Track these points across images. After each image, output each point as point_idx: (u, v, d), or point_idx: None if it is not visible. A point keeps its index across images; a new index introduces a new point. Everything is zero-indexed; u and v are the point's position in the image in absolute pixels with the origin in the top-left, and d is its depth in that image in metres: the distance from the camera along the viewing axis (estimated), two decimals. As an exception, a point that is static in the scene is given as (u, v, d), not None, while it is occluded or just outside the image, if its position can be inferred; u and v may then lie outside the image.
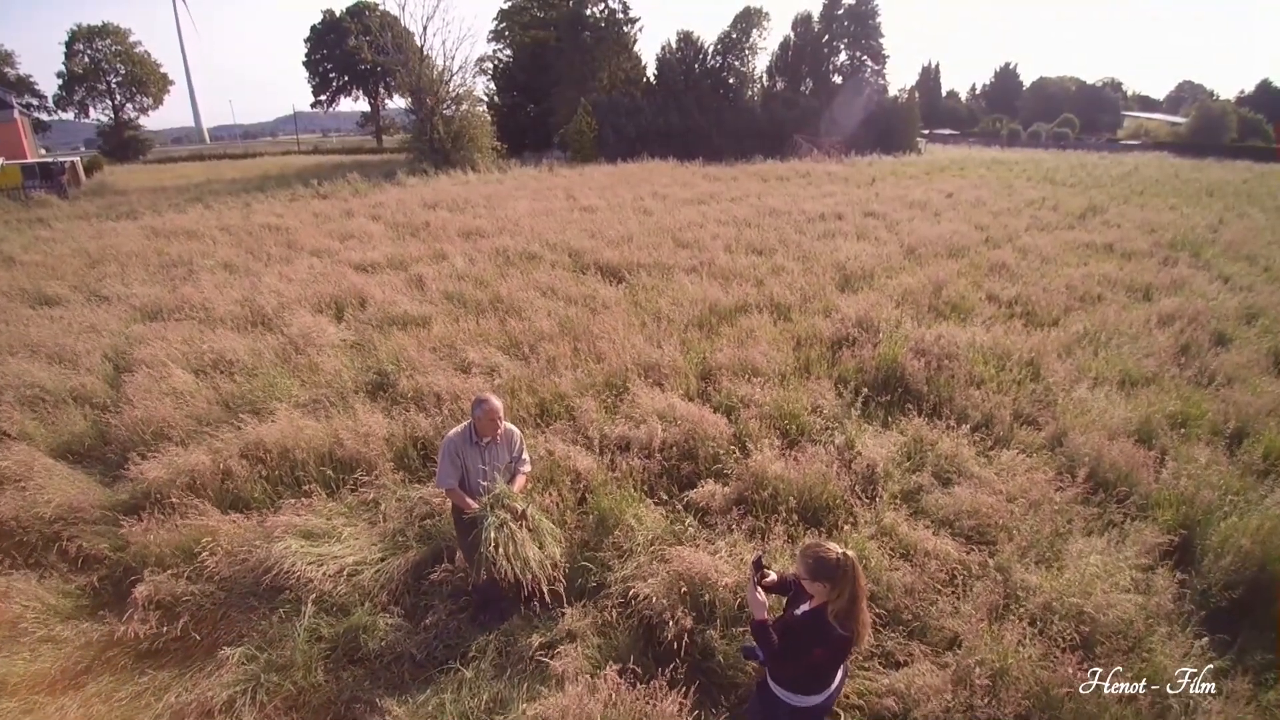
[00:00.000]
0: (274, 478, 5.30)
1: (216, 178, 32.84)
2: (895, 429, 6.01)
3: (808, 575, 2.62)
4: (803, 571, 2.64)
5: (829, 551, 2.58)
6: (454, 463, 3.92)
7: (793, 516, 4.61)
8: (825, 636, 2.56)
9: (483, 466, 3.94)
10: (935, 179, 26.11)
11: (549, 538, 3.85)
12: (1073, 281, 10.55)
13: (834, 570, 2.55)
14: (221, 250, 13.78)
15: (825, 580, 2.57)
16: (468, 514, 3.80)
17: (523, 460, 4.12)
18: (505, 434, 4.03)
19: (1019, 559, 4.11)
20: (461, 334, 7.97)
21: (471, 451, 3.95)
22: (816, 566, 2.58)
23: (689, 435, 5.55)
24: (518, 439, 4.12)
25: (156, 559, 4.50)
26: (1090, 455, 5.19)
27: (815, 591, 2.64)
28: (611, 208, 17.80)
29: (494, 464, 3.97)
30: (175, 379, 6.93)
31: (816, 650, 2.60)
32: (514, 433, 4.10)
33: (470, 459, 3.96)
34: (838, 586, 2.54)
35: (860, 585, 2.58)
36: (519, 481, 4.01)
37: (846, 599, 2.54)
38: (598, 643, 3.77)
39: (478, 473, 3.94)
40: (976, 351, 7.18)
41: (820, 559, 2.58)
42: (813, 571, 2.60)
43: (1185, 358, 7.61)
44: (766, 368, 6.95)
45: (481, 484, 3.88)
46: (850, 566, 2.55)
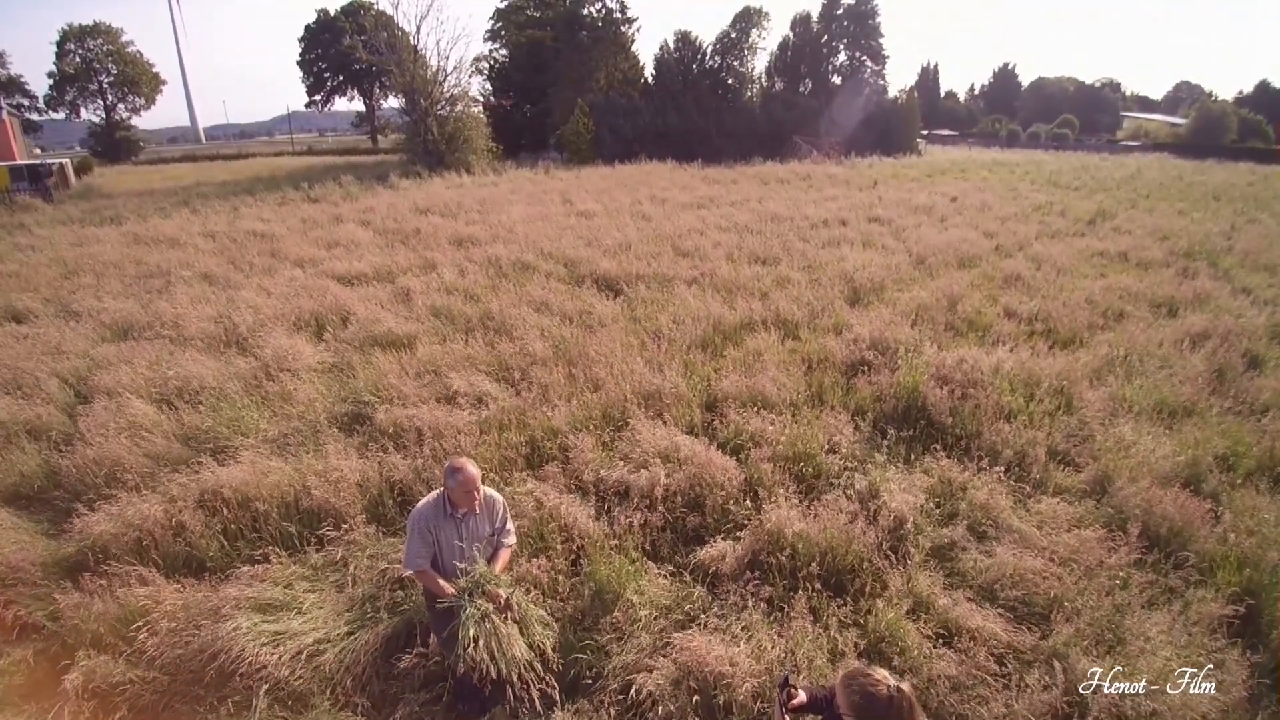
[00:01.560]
0: (232, 532, 4.76)
1: (207, 180, 32.24)
2: (919, 467, 5.50)
3: (851, 712, 2.08)
4: (846, 708, 2.10)
5: (879, 687, 2.04)
6: (425, 540, 3.34)
7: (814, 584, 4.09)
8: None
9: (459, 543, 3.36)
10: (937, 182, 25.64)
11: (538, 627, 3.29)
12: (1093, 295, 10.05)
13: (885, 712, 2.02)
14: (203, 260, 13.21)
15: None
16: (441, 602, 3.26)
17: (506, 531, 3.56)
18: (485, 502, 3.45)
19: (1076, 643, 3.58)
20: (448, 357, 7.43)
21: (445, 525, 3.37)
22: (864, 707, 2.04)
23: (695, 481, 5.02)
24: (500, 506, 3.54)
25: (93, 638, 3.95)
26: (1140, 507, 4.68)
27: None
28: (609, 213, 17.26)
29: (472, 539, 3.39)
30: (134, 410, 6.37)
31: None
32: (495, 500, 3.54)
33: (444, 534, 3.38)
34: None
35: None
36: (502, 559, 3.45)
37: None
38: (595, 748, 3.25)
39: (453, 550, 3.36)
40: (1003, 378, 6.66)
41: (870, 697, 2.04)
42: (859, 709, 2.06)
43: (1220, 383, 7.10)
44: (777, 397, 6.42)
45: (457, 565, 3.32)
46: (907, 708, 2.03)
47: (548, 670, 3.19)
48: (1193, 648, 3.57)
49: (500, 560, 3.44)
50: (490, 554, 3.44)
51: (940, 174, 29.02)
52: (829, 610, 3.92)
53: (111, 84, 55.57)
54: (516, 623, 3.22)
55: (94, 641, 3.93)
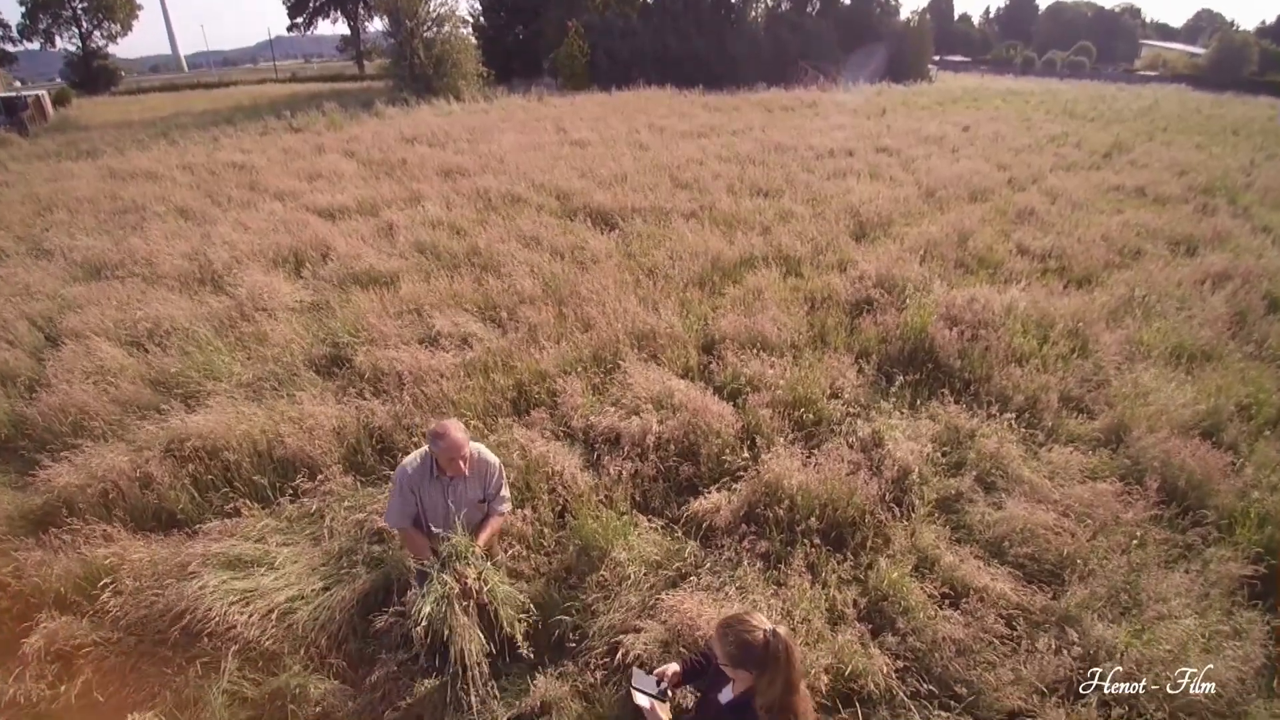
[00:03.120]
0: (202, 483, 4.52)
1: (186, 110, 30.78)
2: (925, 413, 5.23)
3: (729, 662, 2.05)
4: (722, 657, 2.06)
5: (755, 632, 1.99)
6: (406, 499, 3.12)
7: (813, 538, 3.88)
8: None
9: (448, 504, 3.11)
10: (949, 110, 24.49)
11: (508, 610, 3.01)
12: (1109, 232, 9.58)
13: (762, 656, 1.97)
14: (179, 194, 12.58)
15: (752, 669, 2.01)
16: (418, 565, 3.04)
17: (501, 498, 3.28)
18: (478, 464, 3.16)
19: (1090, 605, 3.39)
20: (432, 295, 7.05)
21: (431, 486, 3.11)
22: (740, 653, 2.00)
23: (689, 428, 4.75)
24: (493, 470, 3.24)
25: (56, 597, 3.76)
26: (1159, 459, 4.43)
27: (739, 678, 2.09)
28: (604, 141, 16.45)
29: (460, 503, 3.13)
30: (103, 354, 6.06)
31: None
32: (489, 463, 3.22)
33: (429, 495, 3.13)
34: (767, 673, 1.97)
35: (796, 670, 2.01)
36: (490, 527, 3.20)
37: (779, 688, 1.97)
38: (578, 710, 3.09)
39: (437, 513, 3.12)
40: (1015, 319, 6.32)
41: (745, 644, 1.99)
42: (735, 659, 2.02)
43: (1240, 326, 6.78)
44: (777, 338, 6.10)
45: (436, 531, 3.06)
46: (783, 649, 1.96)
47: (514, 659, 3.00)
48: (1212, 611, 3.38)
49: (487, 529, 3.20)
50: (479, 520, 3.19)
51: (952, 102, 27.72)
52: (828, 567, 3.73)
53: (85, 9, 52.42)
54: (481, 606, 2.98)
55: (57, 601, 3.74)
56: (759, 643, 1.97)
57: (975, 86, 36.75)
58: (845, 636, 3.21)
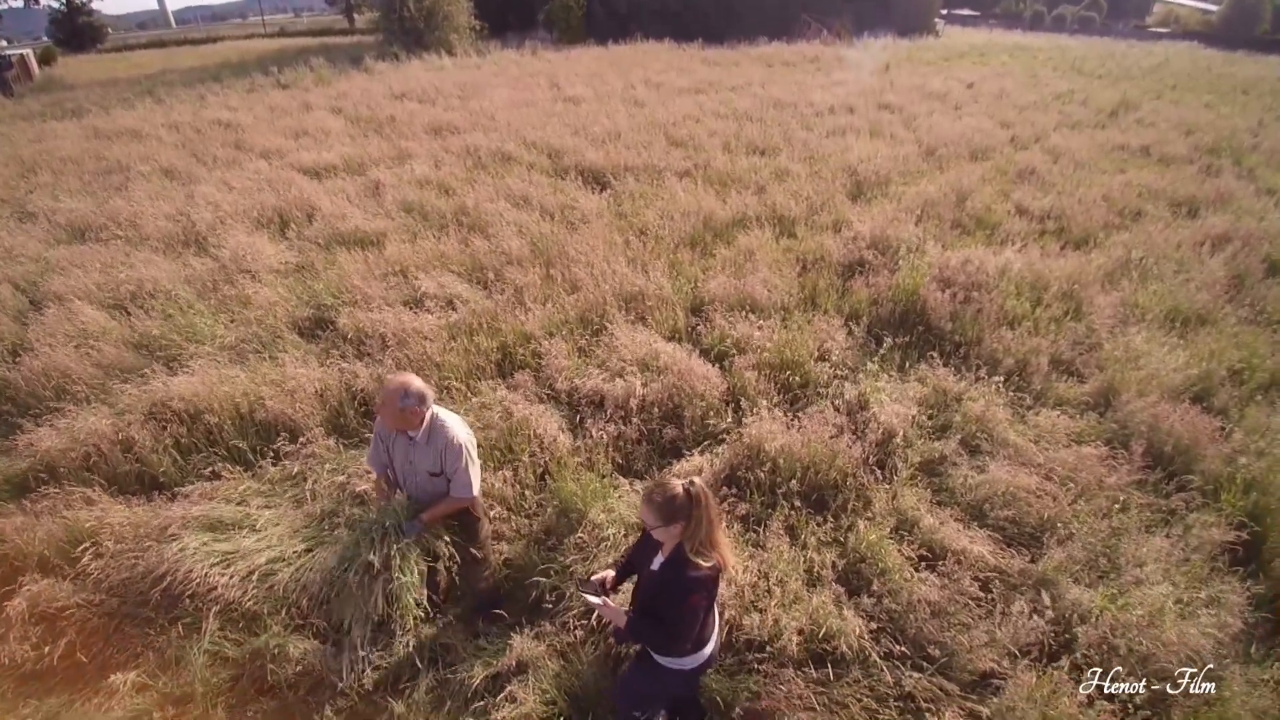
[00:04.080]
0: (184, 446, 4.50)
1: (173, 67, 29.98)
2: (914, 376, 5.19)
3: (661, 521, 2.29)
4: (654, 519, 2.30)
5: (676, 488, 2.28)
6: (376, 446, 3.18)
7: (794, 501, 3.87)
8: (695, 579, 2.29)
9: (410, 461, 3.11)
10: (955, 66, 23.81)
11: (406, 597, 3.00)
12: (1110, 192, 9.39)
13: (686, 504, 2.27)
14: (164, 153, 12.30)
15: (681, 520, 2.28)
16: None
17: (460, 481, 3.09)
18: (435, 431, 3.05)
19: (1067, 569, 3.39)
20: (417, 256, 6.94)
21: (398, 442, 3.12)
22: (669, 509, 2.27)
23: (674, 391, 4.71)
24: (455, 449, 3.04)
25: (39, 560, 3.77)
26: (1146, 423, 4.40)
27: (668, 537, 2.35)
28: (599, 98, 16.04)
29: (415, 469, 3.11)
30: (86, 317, 5.99)
31: (692, 597, 2.32)
32: (451, 441, 3.03)
33: (394, 449, 3.15)
34: (693, 518, 2.27)
35: (715, 509, 2.33)
36: (440, 507, 3.13)
37: (705, 528, 2.29)
38: (555, 670, 3.12)
39: (399, 469, 3.16)
40: (1009, 281, 6.22)
41: (671, 500, 2.26)
42: (666, 516, 2.27)
43: (1238, 290, 6.68)
44: (767, 300, 6.02)
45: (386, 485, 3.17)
46: (701, 495, 2.27)
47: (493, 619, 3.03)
48: (1191, 578, 3.39)
49: (438, 507, 3.13)
50: (438, 493, 3.17)
51: (958, 58, 26.95)
52: (808, 529, 3.73)
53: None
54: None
55: (40, 564, 3.75)
56: (682, 495, 2.25)
57: (983, 42, 35.68)
58: (820, 598, 3.22)
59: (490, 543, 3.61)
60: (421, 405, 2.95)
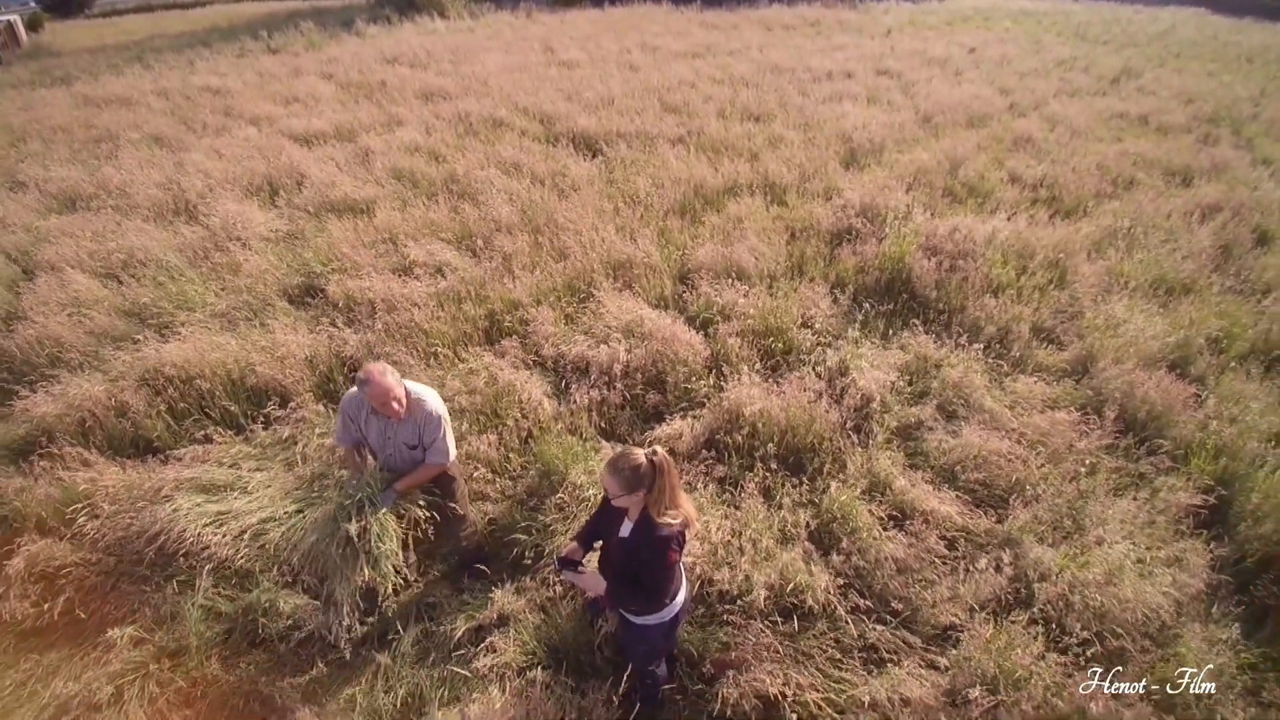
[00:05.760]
0: (178, 411, 4.59)
1: (162, 32, 29.37)
2: (896, 343, 5.25)
3: (625, 490, 2.39)
4: (619, 489, 2.40)
5: (639, 458, 2.39)
6: (346, 426, 3.26)
7: (771, 464, 3.97)
8: (667, 537, 2.43)
9: (383, 441, 3.23)
10: (958, 31, 23.35)
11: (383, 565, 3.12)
12: (1105, 160, 9.31)
13: (650, 473, 2.38)
14: (154, 120, 12.18)
15: (644, 488, 2.40)
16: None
17: (436, 449, 3.25)
18: (415, 407, 3.17)
19: (1032, 528, 3.51)
20: (407, 223, 6.94)
21: (370, 420, 3.22)
22: (634, 478, 2.38)
23: (657, 357, 4.78)
24: (434, 421, 3.20)
25: (37, 521, 3.88)
26: (1121, 389, 4.47)
27: (631, 503, 2.47)
28: (594, 62, 15.79)
29: (394, 444, 3.24)
30: (78, 285, 6.03)
31: (669, 554, 2.45)
32: (429, 411, 3.19)
33: (369, 429, 3.25)
34: (657, 485, 2.40)
35: (675, 475, 2.45)
36: (416, 475, 3.25)
37: (668, 493, 2.42)
38: (535, 623, 3.25)
39: (375, 446, 3.28)
40: (996, 249, 6.24)
41: (635, 469, 2.37)
42: (631, 485, 2.38)
43: (1225, 260, 6.70)
44: (754, 268, 6.05)
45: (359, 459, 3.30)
46: (664, 464, 2.40)
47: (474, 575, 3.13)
48: (1153, 539, 3.49)
49: (413, 475, 3.25)
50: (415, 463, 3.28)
51: (962, 22, 26.36)
52: (783, 490, 3.83)
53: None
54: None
55: (37, 525, 3.87)
56: (647, 463, 2.36)
57: (987, 6, 34.76)
58: (790, 555, 3.34)
59: (468, 501, 3.72)
60: (402, 393, 3.09)
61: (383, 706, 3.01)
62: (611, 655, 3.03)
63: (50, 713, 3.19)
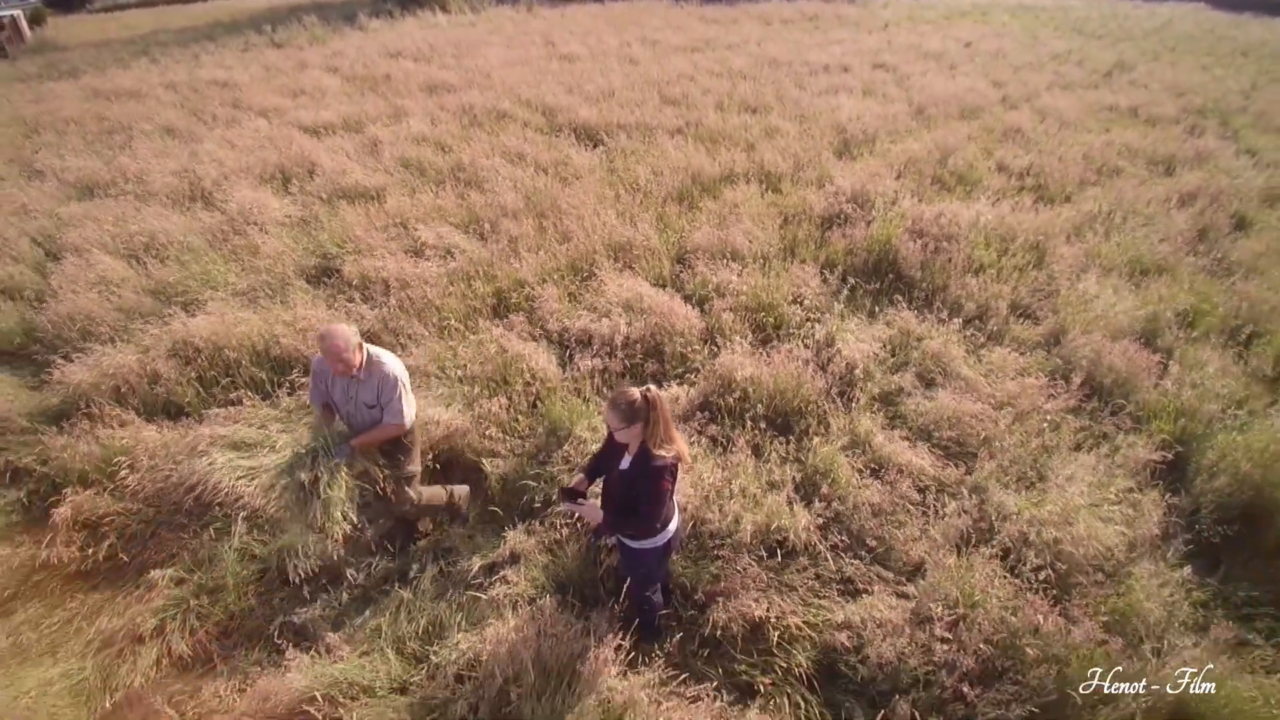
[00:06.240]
0: (207, 379, 4.90)
1: (165, 27, 29.60)
2: (881, 319, 5.56)
3: (624, 422, 2.69)
4: (619, 421, 2.70)
5: (634, 395, 2.69)
6: (316, 385, 3.56)
7: (760, 424, 4.28)
8: (661, 467, 2.72)
9: (350, 397, 3.47)
10: (955, 25, 23.57)
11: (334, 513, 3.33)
12: (1091, 151, 9.61)
13: (644, 407, 2.68)
14: (164, 112, 12.47)
15: (640, 421, 2.69)
16: None
17: (392, 409, 3.41)
18: (374, 368, 3.37)
19: (998, 478, 3.82)
20: (417, 209, 7.25)
21: (336, 381, 3.47)
22: (630, 411, 2.68)
23: (656, 330, 5.09)
24: (390, 382, 3.37)
25: (80, 475, 4.20)
26: (1088, 358, 4.78)
27: (631, 437, 2.75)
28: (594, 56, 16.06)
29: (355, 404, 3.47)
30: (104, 266, 6.33)
31: (661, 482, 2.74)
32: (386, 373, 3.36)
33: (334, 388, 3.50)
34: (651, 418, 2.69)
35: (668, 410, 2.78)
36: (373, 434, 3.45)
37: (662, 426, 2.72)
38: (544, 562, 3.57)
39: (341, 403, 3.53)
40: (979, 232, 6.54)
41: (631, 404, 2.68)
42: (628, 417, 2.68)
43: (1202, 243, 6.99)
44: (748, 250, 6.35)
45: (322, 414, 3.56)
46: (655, 399, 2.71)
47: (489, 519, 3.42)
48: (1111, 487, 3.80)
49: (370, 434, 3.45)
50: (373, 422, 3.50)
51: (960, 16, 26.59)
52: (771, 448, 4.15)
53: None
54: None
55: (80, 479, 4.18)
56: (639, 399, 2.67)
57: (986, 1, 35.11)
58: (775, 498, 3.65)
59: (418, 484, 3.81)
60: (359, 351, 3.33)
61: (406, 634, 3.32)
62: (613, 588, 3.34)
63: (97, 645, 3.52)
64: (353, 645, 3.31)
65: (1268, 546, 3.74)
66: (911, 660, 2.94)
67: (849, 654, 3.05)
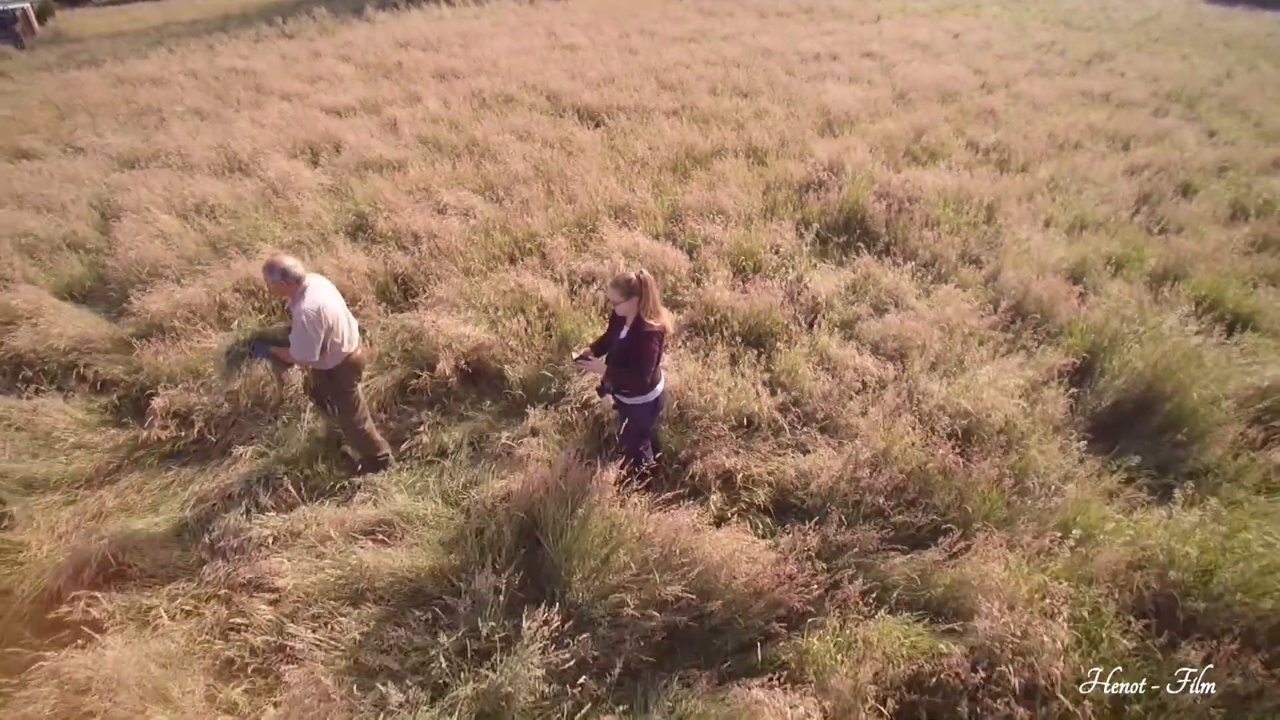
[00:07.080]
0: (267, 309, 5.73)
1: (175, 19, 30.32)
2: (848, 267, 6.39)
3: (623, 296, 3.48)
4: (619, 296, 3.49)
5: (630, 274, 3.47)
6: None
7: (736, 339, 5.12)
8: (650, 332, 3.48)
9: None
10: (946, 17, 24.31)
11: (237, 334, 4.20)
12: (1056, 130, 10.43)
13: (639, 284, 3.45)
14: (190, 96, 13.29)
15: (635, 295, 3.45)
16: None
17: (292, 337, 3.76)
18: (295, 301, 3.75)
19: (926, 372, 4.66)
20: (437, 177, 8.08)
21: None
22: (627, 288, 3.46)
23: (651, 269, 5.91)
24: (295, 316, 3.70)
25: (168, 377, 5.03)
26: (1017, 288, 5.62)
27: (628, 310, 3.51)
28: (595, 46, 16.87)
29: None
30: (162, 223, 7.15)
31: (650, 343, 3.48)
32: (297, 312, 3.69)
33: None
34: (645, 293, 3.44)
35: (656, 289, 3.54)
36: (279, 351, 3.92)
37: (654, 300, 3.47)
38: (559, 438, 4.41)
39: None
40: (939, 195, 7.37)
41: (627, 281, 3.46)
42: (625, 292, 3.46)
43: (1145, 206, 7.81)
44: (733, 210, 7.18)
45: None
46: (647, 279, 3.48)
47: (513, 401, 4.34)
48: (1020, 376, 4.64)
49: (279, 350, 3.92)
50: None
51: (951, 9, 27.39)
52: (745, 358, 4.99)
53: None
54: None
55: (169, 378, 5.01)
56: (635, 279, 3.43)
57: (979, -7, 35.85)
58: (745, 384, 4.50)
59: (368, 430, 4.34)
60: (284, 279, 3.67)
61: (450, 488, 4.17)
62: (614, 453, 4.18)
63: (192, 503, 4.34)
64: (408, 494, 4.15)
65: (1153, 428, 4.57)
66: (843, 485, 3.79)
67: (797, 489, 3.90)
